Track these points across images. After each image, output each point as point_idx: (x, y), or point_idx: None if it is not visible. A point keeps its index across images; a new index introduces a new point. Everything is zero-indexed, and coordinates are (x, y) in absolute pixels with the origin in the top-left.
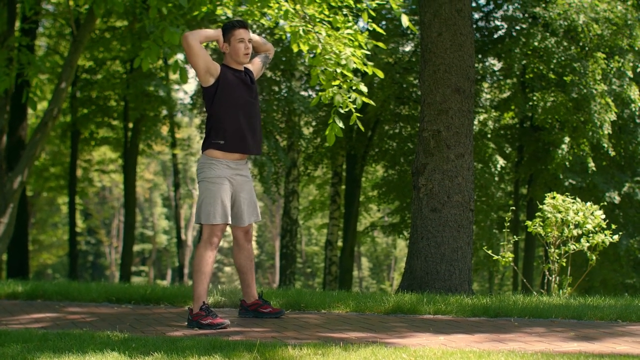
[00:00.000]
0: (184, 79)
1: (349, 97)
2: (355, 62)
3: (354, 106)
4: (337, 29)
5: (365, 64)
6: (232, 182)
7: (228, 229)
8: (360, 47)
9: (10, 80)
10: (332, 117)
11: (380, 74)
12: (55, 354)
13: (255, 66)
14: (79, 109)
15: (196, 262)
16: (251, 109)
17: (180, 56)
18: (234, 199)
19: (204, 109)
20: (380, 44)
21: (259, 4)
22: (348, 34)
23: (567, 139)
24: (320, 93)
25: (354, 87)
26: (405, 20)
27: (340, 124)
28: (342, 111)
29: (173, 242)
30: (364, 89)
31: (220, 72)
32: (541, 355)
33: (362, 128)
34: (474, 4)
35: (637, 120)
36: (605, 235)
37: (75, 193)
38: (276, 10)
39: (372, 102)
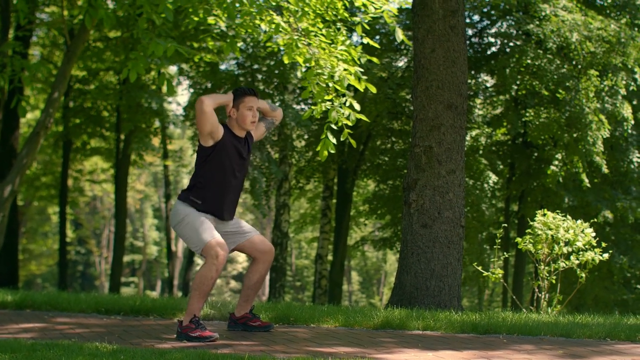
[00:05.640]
0: (170, 92)
1: (343, 113)
2: (349, 80)
3: (348, 122)
4: (331, 42)
5: (359, 79)
6: (208, 217)
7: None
8: (353, 61)
9: (4, 86)
10: (324, 133)
11: (373, 89)
12: None
13: (259, 131)
14: (71, 119)
15: (197, 281)
16: (236, 181)
17: (173, 68)
18: (222, 225)
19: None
20: (374, 59)
21: (248, 19)
22: (342, 49)
23: (559, 156)
24: (312, 107)
25: (347, 103)
26: (399, 35)
27: (333, 140)
28: (334, 127)
29: (163, 253)
30: (357, 106)
31: (221, 139)
32: None
33: (354, 144)
34: (467, 20)
35: (630, 139)
36: (595, 253)
37: (66, 203)
38: (267, 24)
39: (365, 118)
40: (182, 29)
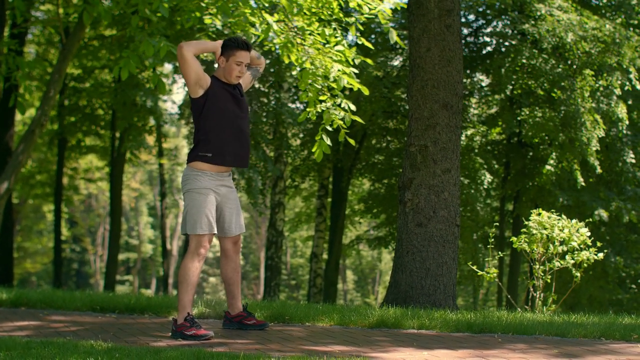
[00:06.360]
0: (162, 91)
1: (338, 115)
2: (347, 80)
3: (343, 124)
4: (326, 42)
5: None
6: (217, 193)
7: (215, 240)
8: (347, 63)
9: None
10: (319, 134)
11: (366, 91)
12: None
13: (245, 79)
14: (67, 117)
15: (182, 273)
16: (240, 122)
17: (168, 66)
18: (220, 210)
19: (192, 120)
20: (368, 60)
21: (242, 18)
22: (337, 50)
23: (554, 155)
24: (308, 109)
25: (341, 104)
26: (393, 36)
27: (328, 141)
28: (329, 129)
29: (158, 251)
30: (353, 107)
31: (210, 85)
32: None
33: (352, 143)
34: (463, 20)
35: (624, 139)
36: (590, 252)
37: (61, 201)
38: (260, 24)
39: (360, 120)
40: (178, 27)
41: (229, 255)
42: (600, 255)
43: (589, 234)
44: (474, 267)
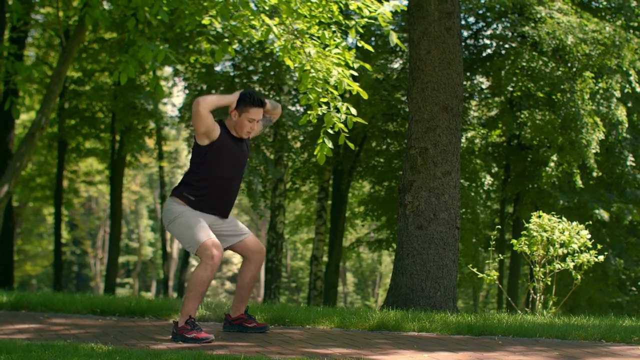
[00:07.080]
0: (160, 94)
1: (339, 118)
2: (348, 83)
3: (344, 127)
4: (326, 46)
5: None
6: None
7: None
8: (347, 65)
9: None
10: (321, 137)
11: (365, 95)
12: None
13: (256, 129)
14: (67, 120)
15: (193, 280)
16: (233, 181)
17: (168, 69)
18: (213, 227)
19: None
20: (367, 65)
21: (243, 19)
22: (336, 53)
23: (554, 157)
24: (309, 111)
25: (342, 105)
26: (393, 38)
27: (330, 145)
28: (331, 132)
29: (158, 254)
30: (354, 110)
31: (217, 138)
32: None
33: (352, 147)
34: (463, 22)
35: (623, 143)
36: (591, 254)
37: (61, 204)
38: (259, 27)
39: (363, 121)
40: (177, 30)
41: (253, 261)
42: (601, 257)
43: (589, 236)
44: (474, 270)
